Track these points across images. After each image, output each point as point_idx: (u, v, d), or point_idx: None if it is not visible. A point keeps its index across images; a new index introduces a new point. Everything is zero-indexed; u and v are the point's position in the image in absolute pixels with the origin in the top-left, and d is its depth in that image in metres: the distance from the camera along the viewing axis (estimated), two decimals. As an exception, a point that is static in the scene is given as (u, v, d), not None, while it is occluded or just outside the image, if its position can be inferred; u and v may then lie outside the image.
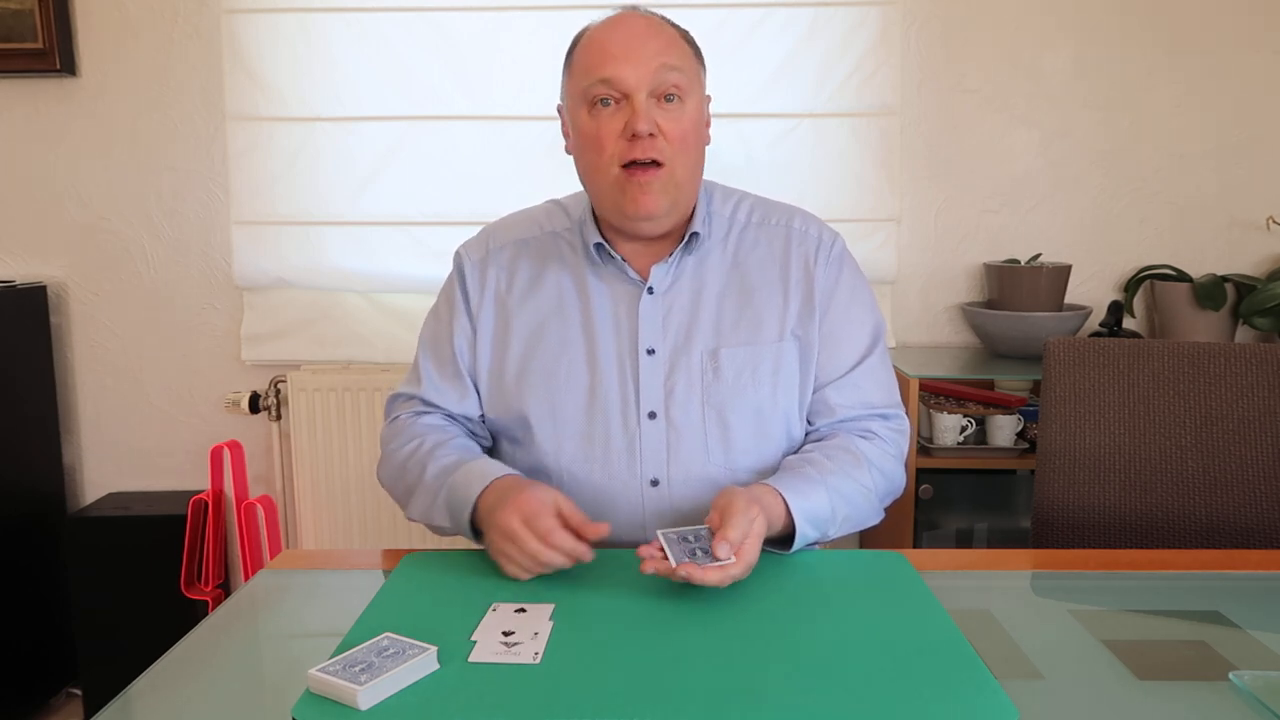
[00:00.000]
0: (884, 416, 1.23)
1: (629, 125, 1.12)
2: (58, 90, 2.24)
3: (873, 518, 1.19)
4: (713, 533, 0.99)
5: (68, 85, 2.23)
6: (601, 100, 1.13)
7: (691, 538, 1.00)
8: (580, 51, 1.16)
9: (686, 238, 1.21)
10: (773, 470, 1.18)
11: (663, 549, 0.98)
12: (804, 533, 1.08)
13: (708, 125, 1.22)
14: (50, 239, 2.29)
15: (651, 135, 1.12)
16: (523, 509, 1.01)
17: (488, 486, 1.09)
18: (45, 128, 2.25)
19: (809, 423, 1.23)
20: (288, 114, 2.20)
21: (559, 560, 1.00)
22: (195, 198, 2.28)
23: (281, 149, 2.21)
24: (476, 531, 1.11)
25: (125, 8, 2.20)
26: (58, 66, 2.17)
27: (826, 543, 1.17)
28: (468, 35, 2.18)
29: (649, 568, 0.96)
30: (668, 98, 1.13)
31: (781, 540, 1.09)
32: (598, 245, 1.21)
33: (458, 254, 1.30)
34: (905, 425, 1.26)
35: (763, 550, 1.06)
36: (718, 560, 0.95)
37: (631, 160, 1.12)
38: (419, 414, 1.26)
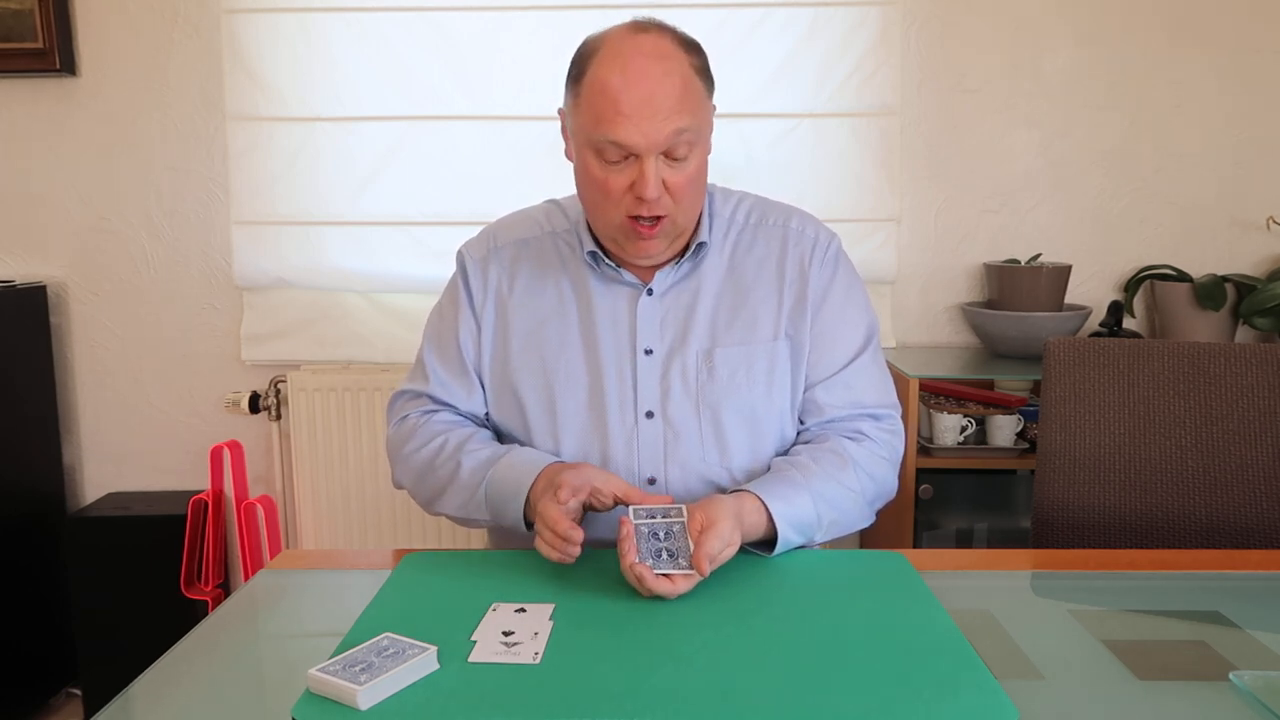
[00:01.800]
0: (875, 417, 1.23)
1: (636, 187, 1.09)
2: (58, 90, 2.24)
3: (861, 521, 1.19)
4: (685, 529, 1.00)
5: (68, 85, 2.23)
6: (610, 156, 1.10)
7: (663, 534, 1.00)
8: (589, 92, 1.09)
9: (693, 247, 1.20)
10: (766, 470, 1.18)
11: (640, 521, 1.00)
12: (787, 538, 1.09)
13: (711, 131, 1.21)
14: (50, 239, 2.30)
15: (659, 196, 1.10)
16: (545, 510, 1.04)
17: (536, 479, 1.10)
18: (45, 128, 2.25)
19: (800, 422, 1.23)
20: (288, 114, 2.20)
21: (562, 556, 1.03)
22: (195, 198, 2.28)
23: (281, 149, 2.21)
24: (529, 524, 1.12)
25: (125, 8, 2.20)
26: (58, 66, 2.17)
27: (824, 543, 1.17)
28: (468, 35, 2.18)
29: (622, 544, 0.98)
30: (676, 156, 1.11)
31: (765, 543, 1.09)
32: (592, 254, 1.21)
33: (460, 253, 1.30)
34: (898, 426, 1.25)
35: (745, 552, 1.07)
36: (682, 569, 0.96)
37: (637, 215, 1.12)
38: (429, 412, 1.25)
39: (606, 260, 1.21)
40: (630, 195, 1.11)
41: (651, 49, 1.09)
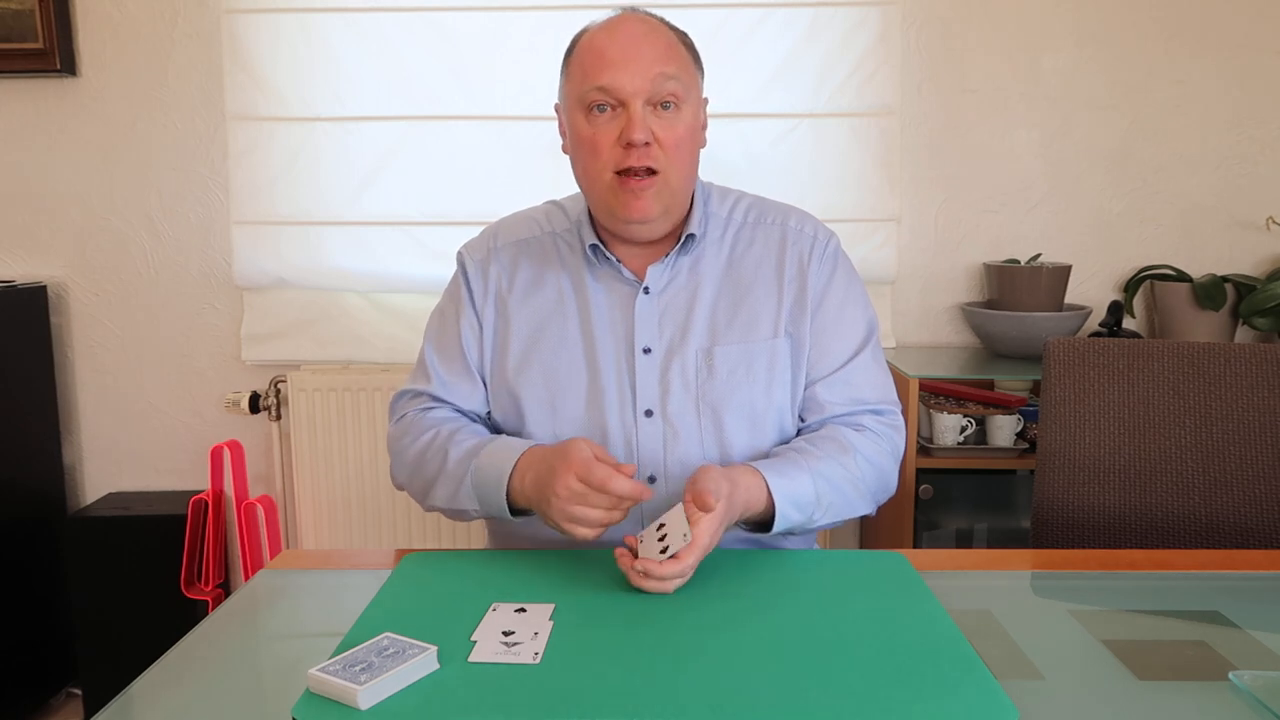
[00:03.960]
0: (876, 412, 1.23)
1: (624, 133, 1.12)
2: (58, 90, 2.24)
3: (862, 508, 1.18)
4: (680, 510, 0.99)
5: (68, 85, 2.23)
6: (598, 106, 1.13)
7: (658, 529, 1.00)
8: (578, 55, 1.16)
9: (683, 239, 1.21)
10: None
11: (640, 544, 1.00)
12: (785, 513, 1.08)
13: (704, 128, 1.22)
14: (50, 239, 2.30)
15: (647, 144, 1.12)
16: (575, 467, 1.00)
17: (517, 463, 1.09)
18: (45, 128, 2.25)
19: (801, 419, 1.23)
20: (288, 114, 2.20)
21: (625, 507, 1.01)
22: (195, 198, 2.28)
23: (281, 149, 2.21)
24: (514, 511, 1.11)
25: (125, 8, 2.20)
26: (58, 66, 2.17)
27: (824, 540, 1.17)
28: (468, 35, 2.18)
29: (622, 563, 0.99)
30: (664, 105, 1.13)
31: (765, 524, 1.09)
32: (593, 246, 1.21)
33: (460, 254, 1.30)
34: (900, 422, 1.25)
35: (744, 537, 1.07)
36: (679, 545, 0.96)
37: (626, 168, 1.13)
38: (427, 409, 1.26)
39: (606, 253, 1.21)
40: (619, 148, 1.13)
41: (636, 16, 1.16)
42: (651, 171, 1.13)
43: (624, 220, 1.17)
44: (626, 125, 1.12)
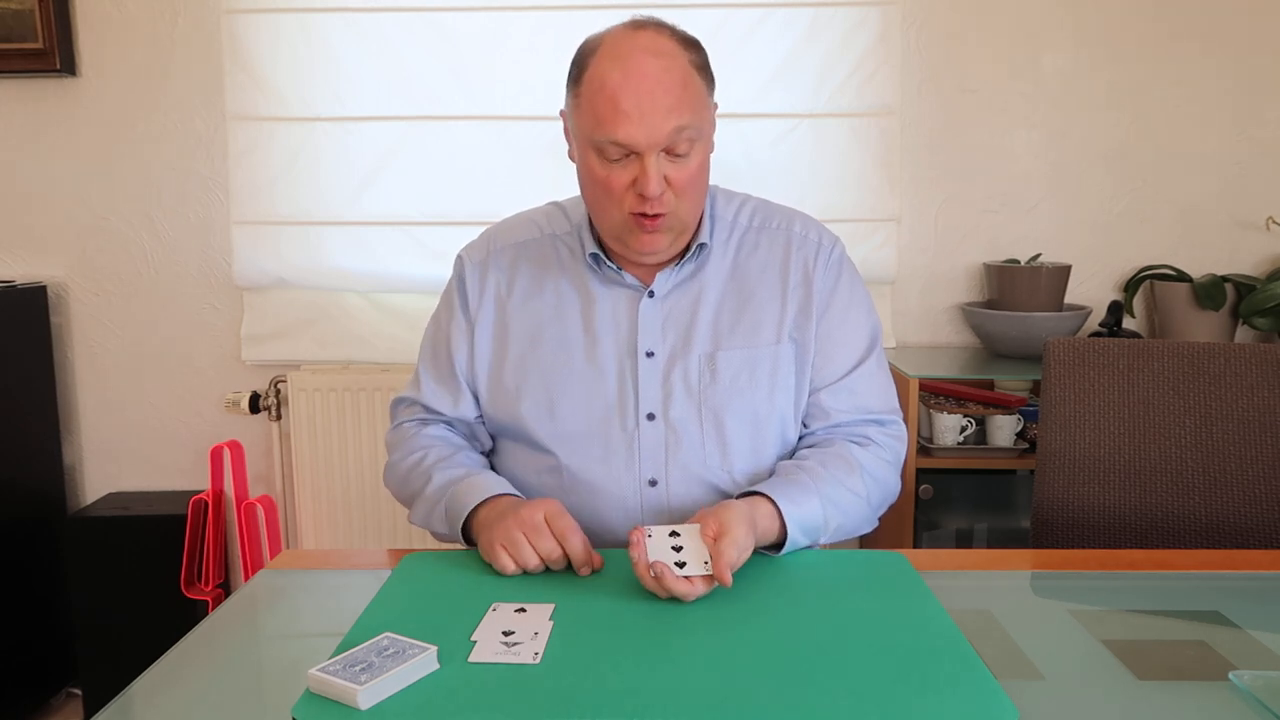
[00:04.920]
0: (880, 423, 1.23)
1: (638, 183, 1.09)
2: (58, 90, 2.23)
3: (865, 526, 1.20)
4: (698, 534, 0.99)
5: (68, 85, 2.23)
6: (611, 153, 1.10)
7: (675, 546, 0.99)
8: (589, 91, 1.09)
9: (694, 248, 1.20)
10: (768, 474, 1.19)
11: (647, 538, 0.99)
12: (795, 540, 1.09)
13: (713, 129, 1.21)
14: (50, 239, 2.30)
15: (660, 193, 1.10)
16: (550, 507, 1.05)
17: (488, 499, 1.11)
18: (45, 128, 2.25)
19: (804, 426, 1.23)
20: (288, 114, 2.20)
21: (556, 567, 1.03)
22: (195, 198, 2.28)
23: (281, 149, 2.21)
24: (469, 541, 1.13)
25: (125, 8, 2.20)
26: (58, 66, 2.17)
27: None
28: (468, 35, 2.18)
29: (633, 552, 0.98)
30: (678, 154, 1.11)
31: (772, 544, 1.10)
32: (594, 255, 1.21)
33: (459, 257, 1.30)
34: (902, 432, 1.26)
35: (753, 552, 1.07)
36: (699, 572, 0.96)
37: (640, 212, 1.12)
38: (423, 422, 1.27)
39: (608, 262, 1.21)
40: (632, 193, 1.11)
41: (650, 46, 1.09)
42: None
43: (636, 253, 1.17)
44: (641, 177, 1.09)
